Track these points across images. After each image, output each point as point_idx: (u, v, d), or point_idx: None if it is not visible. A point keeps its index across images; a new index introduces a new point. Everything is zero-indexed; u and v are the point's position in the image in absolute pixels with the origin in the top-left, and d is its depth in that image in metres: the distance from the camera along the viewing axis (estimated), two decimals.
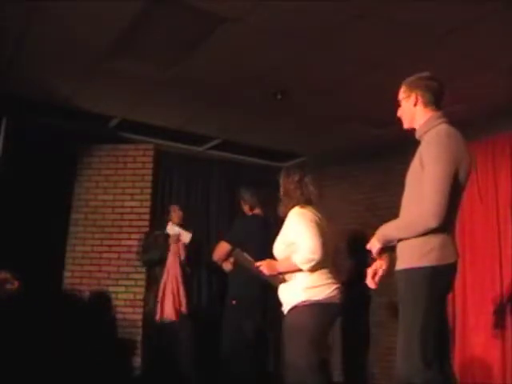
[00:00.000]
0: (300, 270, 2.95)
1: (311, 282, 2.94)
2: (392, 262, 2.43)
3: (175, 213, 4.86)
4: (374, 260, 2.48)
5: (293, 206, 3.08)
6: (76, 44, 3.66)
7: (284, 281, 3.03)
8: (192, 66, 3.94)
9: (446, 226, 2.27)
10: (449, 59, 3.64)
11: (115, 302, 5.04)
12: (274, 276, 3.05)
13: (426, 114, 2.44)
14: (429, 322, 2.23)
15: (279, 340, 3.14)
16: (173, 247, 4.67)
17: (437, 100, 2.45)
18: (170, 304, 4.46)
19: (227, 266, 4.21)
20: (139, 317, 5.08)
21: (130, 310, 5.10)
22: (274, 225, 4.04)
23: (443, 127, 2.37)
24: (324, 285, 2.96)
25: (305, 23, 3.30)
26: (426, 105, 2.45)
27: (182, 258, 4.65)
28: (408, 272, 2.30)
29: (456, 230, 2.46)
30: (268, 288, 3.27)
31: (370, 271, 2.47)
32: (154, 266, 4.73)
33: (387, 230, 2.40)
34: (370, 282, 2.47)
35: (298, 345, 2.90)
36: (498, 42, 3.43)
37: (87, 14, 3.27)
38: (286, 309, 3.04)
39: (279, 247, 3.10)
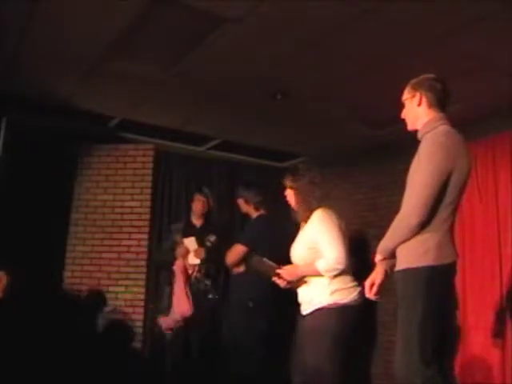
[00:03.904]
0: (320, 275, 2.92)
1: (338, 284, 2.91)
2: (392, 268, 2.43)
3: (198, 202, 4.58)
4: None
5: (315, 209, 3.01)
6: (76, 44, 3.65)
7: (301, 284, 3.00)
8: (192, 66, 3.94)
9: (441, 225, 2.28)
10: (449, 59, 3.64)
11: (115, 302, 5.04)
12: (294, 281, 3.01)
13: (429, 114, 2.44)
14: (427, 322, 2.23)
15: (290, 340, 3.13)
16: (179, 262, 4.36)
17: (440, 101, 2.45)
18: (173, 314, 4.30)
19: (238, 269, 4.19)
20: (140, 317, 5.09)
21: (130, 309, 5.10)
22: (279, 224, 4.05)
23: (442, 128, 2.38)
24: (349, 288, 2.93)
25: (305, 23, 3.29)
26: (429, 105, 2.44)
27: (191, 274, 4.35)
28: (405, 272, 2.32)
29: (455, 231, 2.46)
30: (279, 289, 3.24)
31: (367, 283, 2.46)
32: (164, 266, 4.65)
33: (384, 241, 2.41)
34: (369, 294, 2.46)
35: (323, 348, 2.84)
36: (498, 42, 3.42)
37: (87, 14, 3.27)
38: (307, 309, 2.97)
39: (301, 251, 3.04)
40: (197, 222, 4.60)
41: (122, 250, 5.22)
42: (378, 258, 2.44)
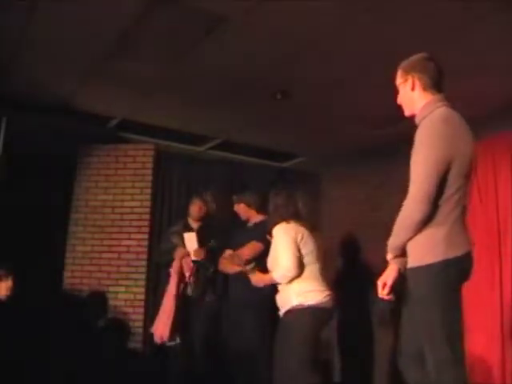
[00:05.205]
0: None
1: (305, 287, 3.18)
2: (405, 266, 2.26)
3: (195, 206, 4.52)
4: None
5: (278, 222, 3.32)
6: (76, 44, 3.66)
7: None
8: (192, 66, 3.94)
9: (447, 217, 2.15)
10: (449, 59, 3.63)
11: (115, 302, 5.04)
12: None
13: (426, 97, 2.27)
14: (450, 319, 2.12)
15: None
16: (176, 262, 4.32)
17: (436, 82, 2.28)
18: (161, 327, 4.25)
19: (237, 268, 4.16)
20: (140, 317, 5.09)
21: (130, 309, 5.11)
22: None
23: (440, 111, 2.22)
24: (317, 291, 3.19)
25: (305, 23, 3.30)
26: (424, 88, 2.27)
27: (187, 277, 4.30)
28: (416, 271, 2.16)
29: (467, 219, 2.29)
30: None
31: (379, 283, 2.27)
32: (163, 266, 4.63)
33: (391, 239, 2.26)
34: (383, 295, 2.27)
35: (291, 346, 3.08)
36: (498, 41, 3.42)
37: (87, 14, 3.27)
38: (281, 311, 3.26)
39: (270, 261, 3.39)
40: (194, 224, 4.57)
41: (121, 250, 5.22)
42: (388, 256, 2.27)
